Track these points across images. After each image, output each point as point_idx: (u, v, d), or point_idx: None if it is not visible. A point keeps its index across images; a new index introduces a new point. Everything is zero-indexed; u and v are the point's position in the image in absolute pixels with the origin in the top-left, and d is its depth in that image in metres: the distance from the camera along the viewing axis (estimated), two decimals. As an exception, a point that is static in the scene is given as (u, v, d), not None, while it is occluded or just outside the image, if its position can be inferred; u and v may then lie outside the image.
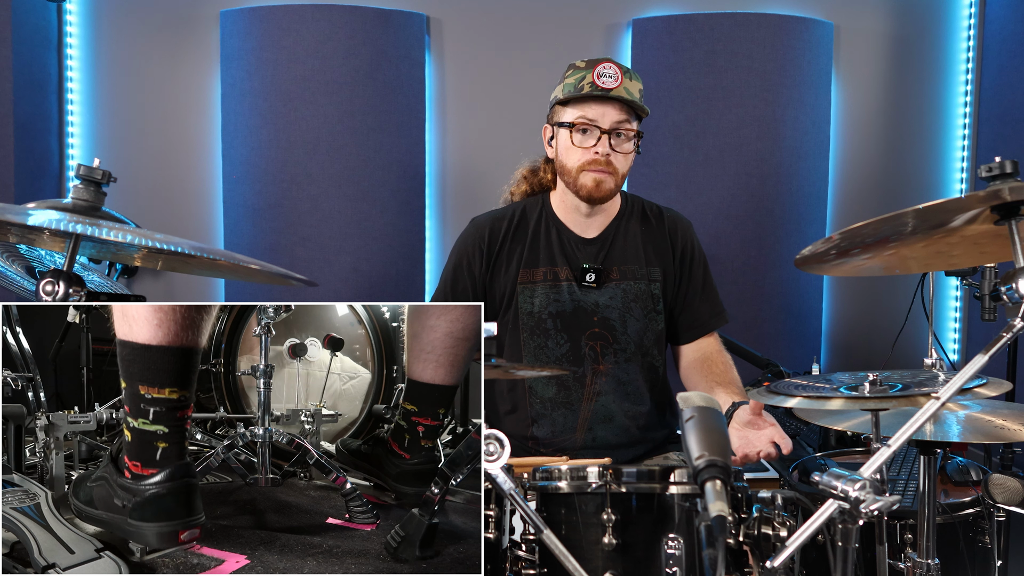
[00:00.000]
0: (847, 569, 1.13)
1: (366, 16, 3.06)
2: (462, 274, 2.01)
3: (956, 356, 3.44)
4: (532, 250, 2.00)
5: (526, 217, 2.03)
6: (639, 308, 1.99)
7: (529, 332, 1.98)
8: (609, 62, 1.88)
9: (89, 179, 1.31)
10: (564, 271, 1.98)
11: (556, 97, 1.95)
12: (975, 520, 1.77)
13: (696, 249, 2.06)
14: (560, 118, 1.93)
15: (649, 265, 2.01)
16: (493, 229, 2.01)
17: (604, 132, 1.88)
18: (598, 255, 2.00)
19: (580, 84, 1.89)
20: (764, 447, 1.69)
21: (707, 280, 2.07)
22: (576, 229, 2.01)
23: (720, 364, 2.02)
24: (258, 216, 3.11)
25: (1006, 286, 1.15)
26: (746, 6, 3.18)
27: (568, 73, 1.93)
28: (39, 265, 2.10)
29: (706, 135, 3.17)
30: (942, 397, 1.12)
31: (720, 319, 2.07)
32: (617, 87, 1.86)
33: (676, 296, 2.04)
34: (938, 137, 3.43)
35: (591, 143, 1.89)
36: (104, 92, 3.18)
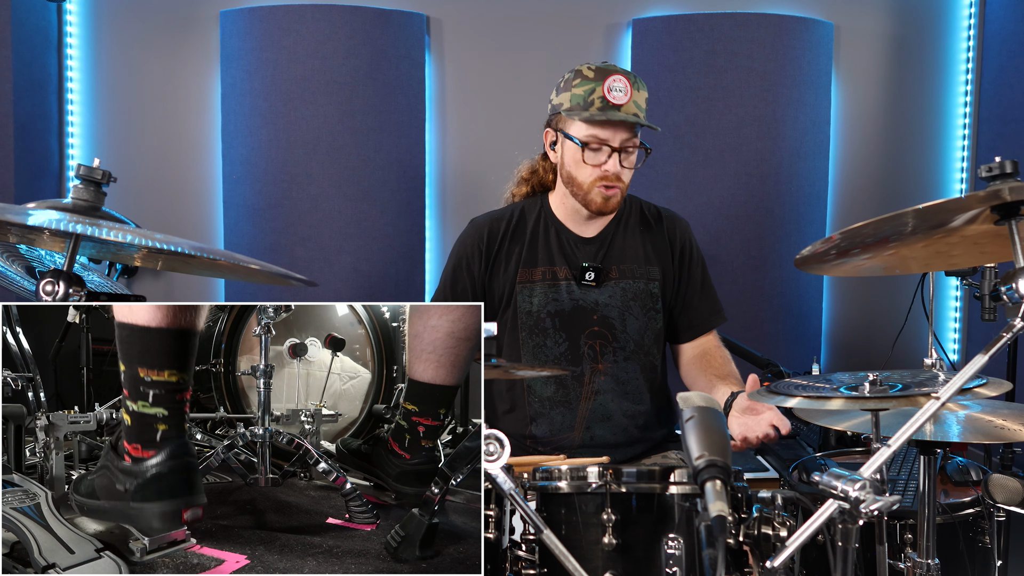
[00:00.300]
0: (847, 569, 1.13)
1: (366, 16, 3.06)
2: (461, 274, 2.02)
3: (956, 356, 3.44)
4: (531, 249, 2.01)
5: (525, 217, 2.04)
6: (638, 307, 1.99)
7: (528, 331, 1.99)
8: (618, 74, 1.87)
9: (89, 179, 1.31)
10: (563, 270, 1.99)
11: (562, 105, 1.92)
12: (975, 520, 1.77)
13: (695, 248, 2.08)
14: (568, 130, 1.92)
15: (648, 264, 2.02)
16: (492, 229, 2.02)
17: (614, 150, 1.89)
18: (597, 254, 2.01)
19: (590, 98, 1.87)
20: (764, 430, 1.73)
21: (706, 279, 2.08)
22: (575, 229, 2.02)
23: (719, 359, 2.04)
24: (258, 216, 3.11)
25: (1006, 286, 1.15)
26: (746, 6, 3.18)
27: (575, 82, 1.89)
28: (39, 265, 2.10)
29: (706, 135, 3.17)
30: (942, 397, 1.12)
31: (719, 317, 2.09)
32: (627, 102, 1.87)
33: (676, 296, 2.05)
34: (938, 137, 3.43)
35: (602, 160, 1.89)
36: (104, 92, 3.18)
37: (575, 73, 1.91)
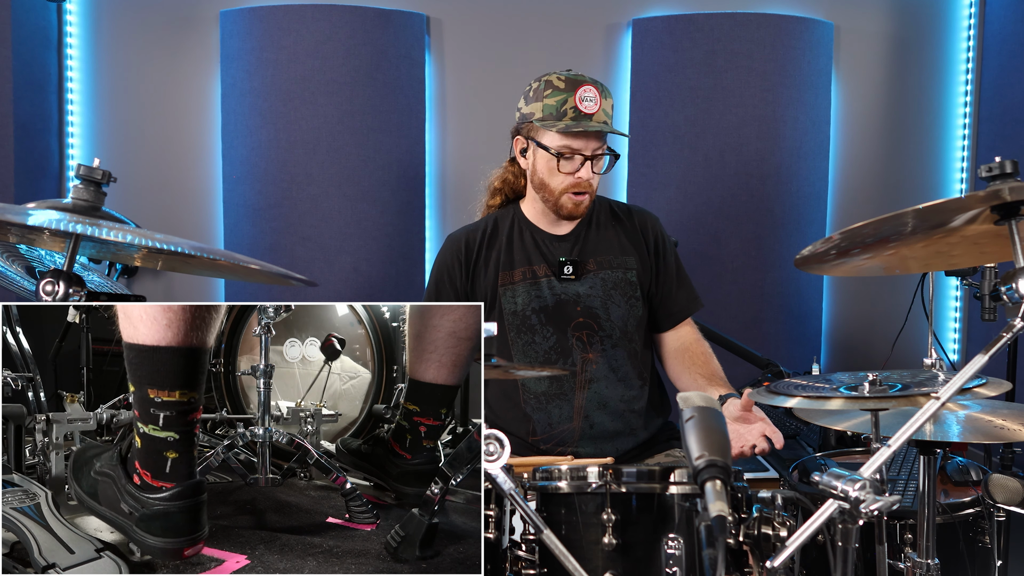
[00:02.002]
0: (847, 569, 1.13)
1: (366, 16, 3.06)
2: (444, 287, 2.07)
3: (956, 356, 3.44)
4: (508, 253, 2.06)
5: (498, 226, 2.10)
6: (619, 295, 2.04)
7: (516, 331, 2.02)
8: (588, 84, 1.93)
9: (89, 179, 1.31)
10: (542, 268, 2.04)
11: (533, 114, 1.96)
12: (975, 520, 1.77)
13: (667, 240, 2.13)
14: (541, 139, 1.97)
15: (624, 255, 2.07)
16: (469, 240, 2.08)
17: (586, 159, 1.94)
18: (572, 249, 2.05)
19: (563, 108, 1.92)
20: (756, 441, 1.74)
21: (680, 268, 2.13)
22: (548, 229, 2.08)
23: (701, 355, 2.08)
24: (258, 216, 3.11)
25: (1006, 286, 1.15)
26: (746, 6, 3.18)
27: (547, 92, 1.94)
28: (39, 265, 2.10)
29: (706, 135, 3.17)
30: (942, 397, 1.12)
31: (696, 303, 2.14)
32: (597, 110, 1.93)
33: (654, 286, 2.09)
34: (938, 137, 3.43)
35: (575, 168, 1.95)
36: (104, 92, 3.18)
37: (545, 84, 1.95)
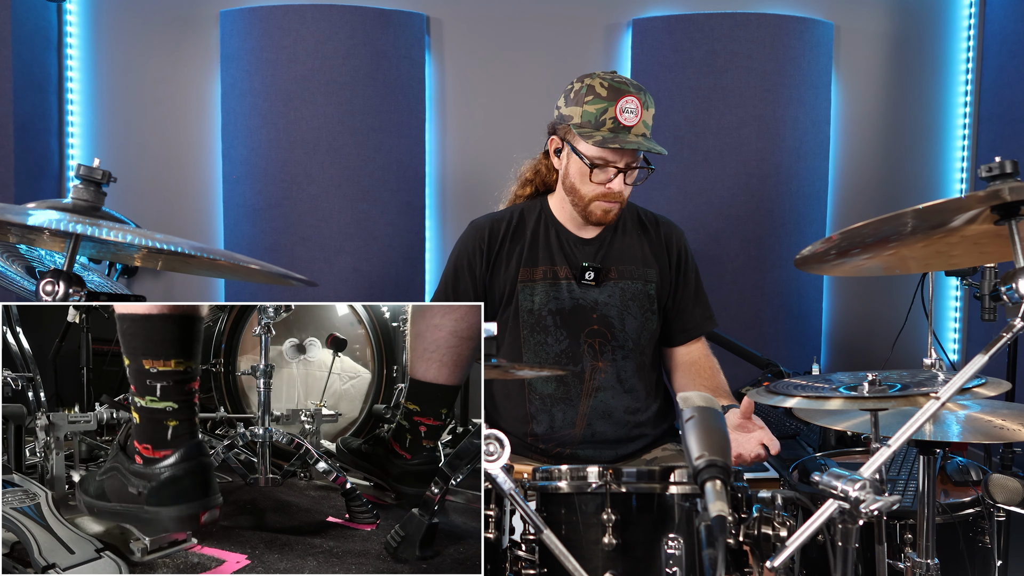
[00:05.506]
0: (847, 569, 1.13)
1: (366, 16, 3.06)
2: (463, 274, 2.04)
3: (956, 356, 3.44)
4: (531, 249, 2.03)
5: (524, 219, 2.06)
6: (636, 307, 2.02)
7: (529, 329, 2.01)
8: (630, 95, 1.88)
9: (89, 179, 1.31)
10: (563, 270, 2.01)
11: (572, 118, 1.92)
12: (975, 520, 1.77)
13: (690, 256, 2.12)
14: (576, 145, 1.92)
15: (646, 266, 2.05)
16: (492, 230, 2.04)
17: (620, 170, 1.92)
18: (596, 255, 2.03)
19: (602, 118, 1.88)
20: (754, 449, 1.75)
21: (699, 286, 2.12)
22: (574, 230, 2.05)
23: (707, 369, 2.08)
24: (258, 216, 3.11)
25: (1006, 286, 1.15)
26: (746, 6, 3.18)
27: (588, 98, 1.89)
28: (39, 265, 2.10)
29: (706, 135, 3.17)
30: (942, 397, 1.12)
31: (711, 322, 2.13)
32: (637, 122, 1.89)
33: (672, 301, 2.08)
34: (938, 137, 3.43)
35: (608, 178, 1.92)
36: (104, 92, 3.18)
37: (587, 88, 1.90)
